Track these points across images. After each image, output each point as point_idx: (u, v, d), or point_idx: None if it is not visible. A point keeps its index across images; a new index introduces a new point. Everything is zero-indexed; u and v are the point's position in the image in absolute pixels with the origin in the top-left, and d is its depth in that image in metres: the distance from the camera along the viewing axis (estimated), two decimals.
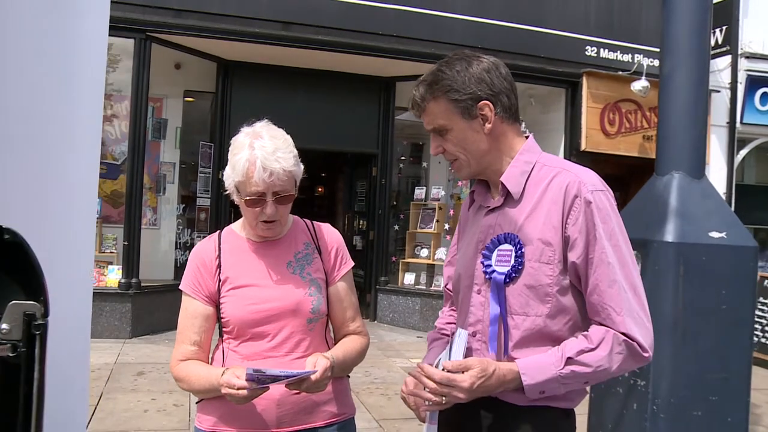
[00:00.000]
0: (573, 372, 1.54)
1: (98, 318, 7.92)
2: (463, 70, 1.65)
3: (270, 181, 1.83)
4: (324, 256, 2.04)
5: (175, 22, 8.17)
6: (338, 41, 8.56)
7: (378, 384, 6.54)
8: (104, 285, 8.14)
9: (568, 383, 1.56)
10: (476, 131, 1.66)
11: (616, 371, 1.58)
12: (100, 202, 8.54)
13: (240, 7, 8.33)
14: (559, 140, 9.81)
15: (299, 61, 9.09)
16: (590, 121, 9.46)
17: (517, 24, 9.12)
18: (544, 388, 1.56)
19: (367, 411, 5.66)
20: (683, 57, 2.56)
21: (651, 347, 1.56)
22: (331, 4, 8.60)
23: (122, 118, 8.62)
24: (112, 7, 6.04)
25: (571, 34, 9.33)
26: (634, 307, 1.57)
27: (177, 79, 9.39)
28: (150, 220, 9.12)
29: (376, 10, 8.68)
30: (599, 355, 1.54)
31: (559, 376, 1.54)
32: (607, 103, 9.50)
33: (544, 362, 1.57)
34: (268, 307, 1.91)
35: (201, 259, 2.00)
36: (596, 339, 1.56)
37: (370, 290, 10.16)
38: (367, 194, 10.53)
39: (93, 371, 6.40)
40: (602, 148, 9.47)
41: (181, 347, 1.96)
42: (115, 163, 8.87)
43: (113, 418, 5.13)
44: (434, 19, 8.84)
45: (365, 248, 10.42)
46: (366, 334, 2.11)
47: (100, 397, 5.64)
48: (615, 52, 9.36)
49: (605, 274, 1.56)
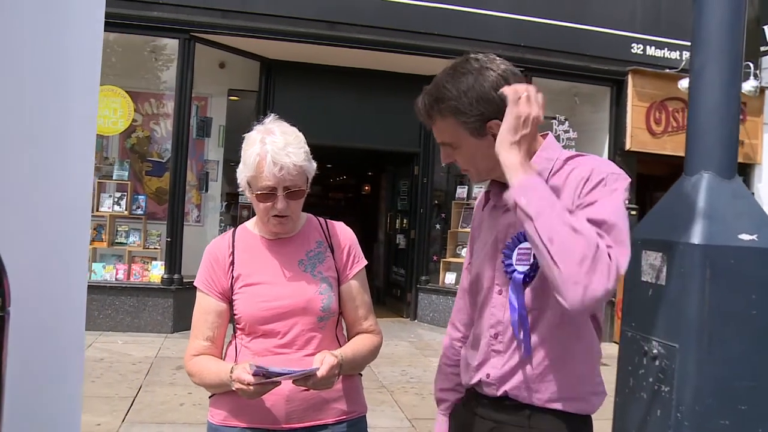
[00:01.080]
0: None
1: (141, 313, 8.10)
2: (470, 90, 1.57)
3: (280, 175, 1.85)
4: (336, 255, 2.05)
5: (219, 23, 8.31)
6: (380, 40, 8.57)
7: (413, 383, 6.52)
8: (147, 280, 8.32)
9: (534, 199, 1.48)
10: (488, 147, 1.60)
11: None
12: (145, 199, 8.73)
13: (283, 7, 8.41)
14: (604, 139, 9.63)
15: (341, 60, 9.13)
16: (636, 120, 9.25)
17: (560, 21, 8.98)
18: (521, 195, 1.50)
19: (401, 410, 5.65)
20: (714, 52, 2.47)
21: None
22: (373, 3, 8.62)
23: (168, 117, 8.80)
24: (156, 9, 6.23)
25: (616, 31, 9.14)
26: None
27: (221, 79, 9.54)
28: (194, 217, 9.28)
29: (417, 8, 8.66)
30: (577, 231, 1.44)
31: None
32: (653, 102, 9.26)
33: (543, 190, 1.51)
34: (279, 305, 1.93)
35: (215, 256, 2.03)
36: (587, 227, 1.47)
37: (411, 289, 10.15)
38: (409, 193, 10.52)
39: (134, 364, 6.56)
40: (648, 147, 9.25)
41: (195, 342, 2.00)
42: (160, 161, 9.06)
43: (150, 410, 5.24)
44: (475, 17, 8.77)
45: (407, 247, 10.41)
46: (379, 333, 2.10)
47: (139, 389, 5.77)
48: (662, 49, 9.13)
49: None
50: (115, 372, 6.30)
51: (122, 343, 7.50)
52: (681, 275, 2.45)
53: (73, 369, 1.29)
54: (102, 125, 8.27)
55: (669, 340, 2.28)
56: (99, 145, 8.97)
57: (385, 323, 9.81)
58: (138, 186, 8.96)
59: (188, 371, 2.00)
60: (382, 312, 10.79)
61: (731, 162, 2.52)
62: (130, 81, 8.83)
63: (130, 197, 8.63)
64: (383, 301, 11.51)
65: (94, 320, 7.98)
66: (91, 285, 8.09)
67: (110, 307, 8.07)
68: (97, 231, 8.56)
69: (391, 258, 11.43)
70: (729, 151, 2.48)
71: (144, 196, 8.82)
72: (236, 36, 8.48)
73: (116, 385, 5.88)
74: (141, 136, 9.11)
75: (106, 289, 8.11)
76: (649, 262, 2.48)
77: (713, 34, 2.52)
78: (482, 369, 1.69)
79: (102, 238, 8.54)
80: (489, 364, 1.68)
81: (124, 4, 7.97)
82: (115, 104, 8.29)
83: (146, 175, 9.11)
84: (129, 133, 8.92)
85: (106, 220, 8.53)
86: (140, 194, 8.83)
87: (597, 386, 1.70)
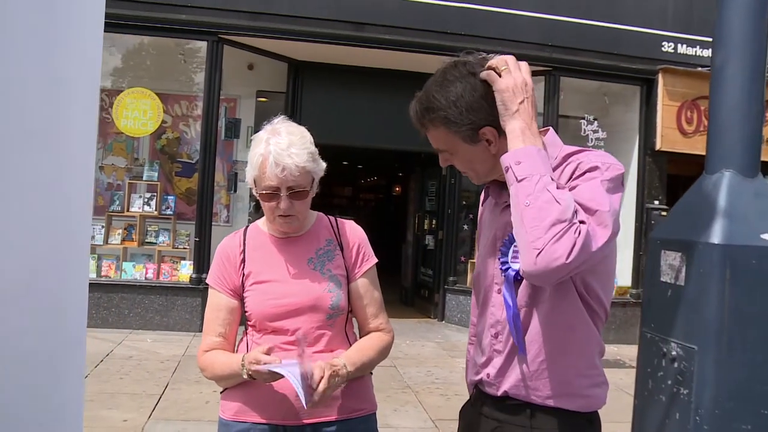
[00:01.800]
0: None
1: (170, 311, 8.20)
2: (459, 100, 1.57)
3: (282, 176, 1.87)
4: (346, 253, 2.06)
5: (246, 24, 8.37)
6: (408, 40, 8.56)
7: (438, 384, 6.50)
8: (176, 280, 8.42)
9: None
10: (483, 152, 1.62)
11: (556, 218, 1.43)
12: (174, 200, 8.84)
13: (310, 9, 8.45)
14: (634, 139, 9.49)
15: (369, 60, 9.14)
16: (666, 120, 9.09)
17: (589, 20, 8.87)
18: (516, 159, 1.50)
19: (425, 411, 5.63)
20: (736, 47, 2.41)
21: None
22: (400, 4, 8.62)
23: (197, 119, 8.90)
24: (184, 11, 6.27)
25: (646, 29, 8.99)
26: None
27: (250, 80, 9.62)
28: (223, 218, 9.37)
29: (445, 9, 8.63)
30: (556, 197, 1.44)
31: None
32: (684, 101, 9.10)
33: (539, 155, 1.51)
34: (288, 302, 1.95)
35: (226, 253, 2.06)
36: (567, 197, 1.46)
37: (439, 290, 10.12)
38: (438, 194, 10.49)
39: (162, 362, 6.64)
40: (679, 147, 9.09)
41: (207, 338, 2.03)
42: (190, 162, 9.17)
43: (176, 408, 5.30)
44: (503, 16, 8.71)
45: (435, 248, 10.38)
46: (389, 332, 2.11)
47: (166, 387, 5.84)
48: (694, 47, 8.97)
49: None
50: (143, 369, 6.39)
51: (151, 341, 7.60)
52: (700, 276, 2.40)
53: (73, 371, 1.31)
54: (132, 127, 8.41)
55: (688, 342, 2.24)
56: (130, 146, 9.13)
57: (413, 324, 9.80)
58: (168, 186, 9.08)
59: (200, 366, 2.04)
60: (409, 313, 10.78)
61: (754, 160, 2.46)
62: (160, 83, 8.96)
63: (159, 198, 8.75)
64: (411, 301, 11.49)
65: (124, 318, 8.11)
66: (122, 284, 8.24)
67: (140, 305, 8.19)
68: (127, 231, 8.70)
69: (419, 259, 11.41)
70: (751, 149, 2.42)
71: (173, 196, 8.93)
72: (264, 38, 8.54)
73: (144, 382, 5.96)
74: (171, 137, 9.23)
75: (135, 288, 8.23)
76: (668, 262, 2.44)
77: (735, 29, 2.47)
78: (484, 369, 1.69)
79: (132, 237, 8.67)
80: (490, 364, 1.68)
81: (153, 7, 8.09)
82: (145, 106, 8.41)
83: (176, 175, 9.23)
84: (159, 135, 9.05)
85: (137, 220, 8.66)
86: (170, 195, 8.94)
87: (596, 377, 1.67)
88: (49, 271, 1.21)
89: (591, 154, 1.60)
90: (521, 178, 1.46)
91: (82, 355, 1.37)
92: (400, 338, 8.55)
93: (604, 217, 1.46)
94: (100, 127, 9.03)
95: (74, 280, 1.32)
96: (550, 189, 1.44)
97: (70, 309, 1.29)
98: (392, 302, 11.50)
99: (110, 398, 5.44)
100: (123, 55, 9.21)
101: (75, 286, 1.32)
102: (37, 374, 1.18)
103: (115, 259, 8.54)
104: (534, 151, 1.49)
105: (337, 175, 21.30)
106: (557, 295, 1.57)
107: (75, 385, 1.37)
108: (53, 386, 1.25)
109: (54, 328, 1.23)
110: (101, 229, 8.60)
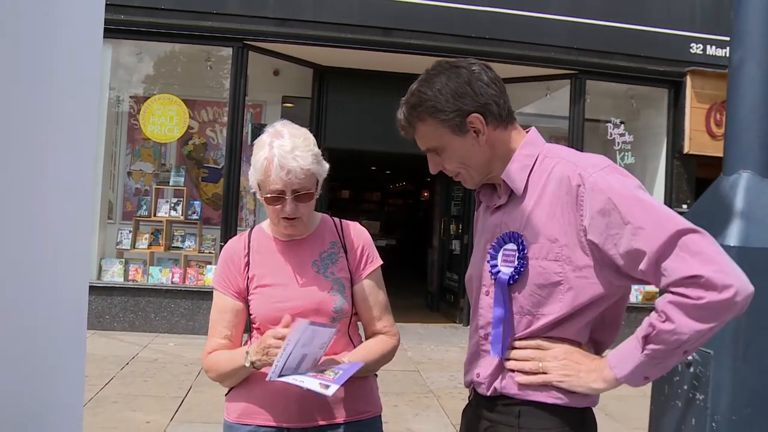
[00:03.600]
0: (655, 350, 1.42)
1: (195, 315, 8.28)
2: (444, 87, 1.59)
3: (287, 179, 1.86)
4: (350, 255, 2.05)
5: (271, 30, 8.43)
6: (433, 45, 8.54)
7: (461, 389, 6.44)
8: (202, 284, 8.49)
9: (661, 361, 1.45)
10: (472, 145, 1.61)
11: (705, 326, 1.39)
12: (200, 205, 8.93)
13: (335, 15, 8.48)
14: (661, 142, 9.36)
15: (394, 66, 9.14)
16: (694, 123, 8.95)
17: (615, 23, 8.77)
18: (642, 374, 1.47)
19: (446, 415, 5.60)
20: (754, 46, 2.36)
21: (727, 283, 1.35)
22: (426, 9, 8.61)
23: (224, 125, 8.99)
24: (210, 18, 6.33)
25: (674, 31, 8.87)
26: (684, 247, 1.39)
27: (275, 86, 9.69)
28: (249, 223, 9.44)
29: (471, 13, 8.60)
30: (674, 321, 1.39)
31: (645, 357, 1.44)
32: (713, 103, 8.94)
33: (627, 349, 1.48)
34: (291, 306, 1.94)
35: (231, 256, 2.06)
36: (660, 305, 1.43)
37: (464, 295, 10.07)
38: (463, 198, 10.45)
39: (185, 365, 6.70)
40: (707, 150, 8.93)
41: (212, 340, 2.03)
42: (216, 167, 9.26)
43: (198, 410, 5.34)
44: (529, 20, 8.66)
45: (461, 253, 10.35)
46: (394, 334, 2.09)
47: (189, 389, 5.89)
48: (723, 48, 8.80)
49: (638, 239, 1.43)
50: (168, 372, 6.45)
51: (174, 344, 7.67)
52: None
53: (73, 374, 1.32)
54: (158, 133, 8.53)
55: (704, 347, 2.19)
56: (157, 152, 9.25)
57: (438, 329, 9.76)
58: (194, 192, 9.18)
59: (204, 368, 2.04)
60: (435, 317, 10.74)
61: None
62: (188, 89, 9.07)
63: (186, 203, 8.85)
64: (437, 306, 11.45)
65: (151, 322, 8.20)
66: (148, 288, 8.34)
67: (166, 309, 8.28)
68: (154, 235, 8.81)
69: (445, 263, 11.37)
70: None
71: (199, 201, 9.03)
72: (289, 44, 8.60)
73: (167, 385, 6.02)
74: (197, 143, 9.34)
75: (162, 292, 8.32)
76: None
77: (753, 28, 2.42)
78: (475, 369, 1.68)
79: (159, 242, 8.78)
80: (479, 365, 1.67)
81: (179, 14, 8.20)
82: (171, 112, 8.52)
83: (202, 181, 9.32)
84: (186, 141, 9.15)
85: (163, 225, 8.76)
86: (196, 200, 9.04)
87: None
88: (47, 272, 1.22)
89: (572, 160, 1.57)
90: (656, 366, 1.46)
91: (82, 358, 1.38)
92: (425, 343, 8.53)
93: (688, 244, 1.40)
94: (129, 133, 9.17)
95: (74, 281, 1.33)
96: (654, 347, 1.43)
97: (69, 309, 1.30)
98: (418, 307, 11.47)
99: (134, 400, 5.50)
100: (151, 62, 9.35)
101: (74, 286, 1.33)
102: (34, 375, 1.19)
103: (142, 264, 8.65)
104: (618, 356, 1.49)
105: (366, 181, 21.36)
106: (572, 310, 1.55)
107: (75, 386, 1.37)
108: (51, 387, 1.25)
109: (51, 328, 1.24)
110: (129, 233, 8.72)
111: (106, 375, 6.15)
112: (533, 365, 1.56)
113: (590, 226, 1.49)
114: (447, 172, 1.70)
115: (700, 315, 1.37)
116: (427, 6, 8.62)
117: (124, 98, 9.17)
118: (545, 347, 1.56)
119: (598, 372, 1.51)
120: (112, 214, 8.98)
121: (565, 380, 1.53)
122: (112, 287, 8.19)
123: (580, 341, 1.58)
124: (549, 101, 9.62)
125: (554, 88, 9.48)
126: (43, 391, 1.24)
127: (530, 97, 9.55)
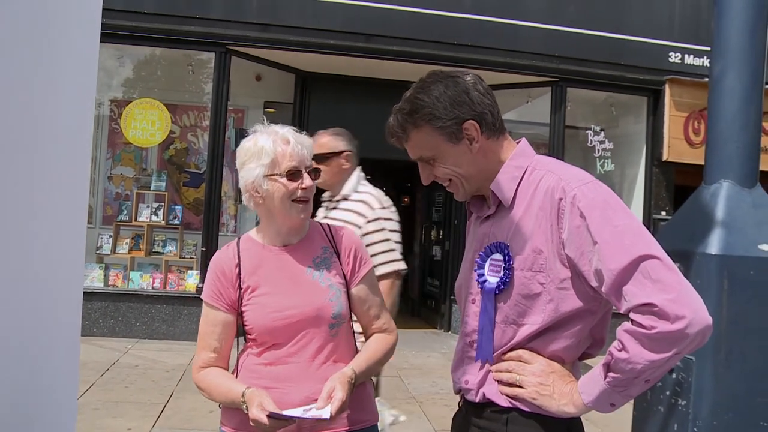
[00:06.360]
0: (615, 378, 1.44)
1: (176, 321, 8.23)
2: (442, 95, 1.60)
3: (303, 153, 1.93)
4: (342, 259, 2.04)
5: (254, 36, 8.41)
6: (415, 51, 8.58)
7: (443, 395, 6.47)
8: (183, 289, 8.44)
9: (623, 389, 1.46)
10: (464, 153, 1.63)
11: (658, 357, 1.39)
12: (181, 210, 8.88)
13: (318, 21, 8.49)
14: (640, 150, 9.47)
15: (376, 72, 9.17)
16: (673, 130, 9.07)
17: (595, 31, 8.87)
18: (607, 401, 1.48)
19: (428, 421, 5.62)
20: (734, 57, 2.41)
21: (680, 314, 1.35)
22: (408, 16, 8.64)
23: (205, 129, 8.95)
24: (192, 23, 6.31)
25: (653, 40, 8.99)
26: (645, 273, 1.40)
27: (257, 91, 9.67)
28: (230, 228, 9.40)
29: (452, 20, 8.65)
30: (629, 351, 1.41)
31: (608, 385, 1.46)
32: (692, 111, 9.07)
33: (593, 375, 1.50)
34: (290, 314, 1.92)
35: (221, 268, 2.02)
36: (618, 334, 1.45)
37: (445, 300, 10.11)
38: (444, 204, 10.49)
39: (167, 371, 6.65)
40: (686, 158, 9.06)
41: (202, 354, 2.00)
42: (197, 172, 9.22)
43: (179, 416, 5.30)
44: (510, 27, 8.73)
45: (442, 259, 10.38)
46: (392, 331, 2.11)
47: (171, 396, 5.84)
48: (701, 57, 8.94)
49: (603, 260, 1.44)
50: (149, 378, 6.40)
51: (156, 350, 7.62)
52: (698, 286, 2.40)
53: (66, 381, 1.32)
54: (140, 137, 8.48)
55: None
56: (138, 156, 9.19)
57: (419, 334, 9.77)
58: (175, 197, 9.12)
59: (198, 386, 1.99)
60: (416, 323, 10.75)
61: (752, 170, 2.47)
62: (169, 94, 9.03)
63: (167, 208, 8.80)
64: (418, 312, 11.47)
65: (131, 327, 8.13)
66: (129, 293, 8.27)
67: (146, 315, 8.21)
68: (135, 240, 8.74)
69: (426, 269, 11.40)
70: (750, 159, 2.43)
71: (180, 206, 8.98)
72: (271, 49, 8.59)
73: (149, 391, 5.97)
74: (179, 147, 9.29)
75: (142, 297, 8.26)
76: None
77: (733, 39, 2.48)
78: (463, 376, 1.70)
79: (140, 247, 8.71)
80: (467, 372, 1.69)
81: (162, 18, 8.16)
82: (153, 116, 8.47)
83: (183, 186, 9.27)
84: (167, 145, 9.10)
85: (144, 230, 8.70)
86: (177, 205, 8.99)
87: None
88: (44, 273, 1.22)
89: (558, 174, 1.58)
90: (619, 394, 1.47)
91: (75, 361, 1.38)
92: (406, 349, 8.53)
93: (637, 251, 1.42)
94: (109, 137, 9.10)
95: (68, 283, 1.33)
96: (614, 375, 1.45)
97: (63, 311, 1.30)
98: (399, 312, 11.41)
99: (115, 406, 5.45)
100: (133, 66, 9.30)
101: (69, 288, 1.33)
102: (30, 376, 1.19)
103: (122, 269, 8.57)
104: (583, 386, 1.51)
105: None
106: (557, 322, 1.56)
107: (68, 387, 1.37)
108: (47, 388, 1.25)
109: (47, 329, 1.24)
110: (109, 238, 8.65)
111: (86, 381, 6.08)
112: (511, 377, 1.58)
113: (567, 240, 1.51)
114: (439, 181, 1.71)
115: (652, 345, 1.38)
116: (408, 13, 8.65)
117: (105, 102, 9.11)
118: (526, 360, 1.58)
119: (569, 396, 1.53)
120: (92, 219, 8.89)
121: (538, 398, 1.55)
122: (92, 292, 8.10)
123: (565, 359, 1.60)
124: (530, 108, 9.70)
125: (535, 96, 9.56)
126: (38, 392, 1.24)
127: (511, 103, 9.62)
